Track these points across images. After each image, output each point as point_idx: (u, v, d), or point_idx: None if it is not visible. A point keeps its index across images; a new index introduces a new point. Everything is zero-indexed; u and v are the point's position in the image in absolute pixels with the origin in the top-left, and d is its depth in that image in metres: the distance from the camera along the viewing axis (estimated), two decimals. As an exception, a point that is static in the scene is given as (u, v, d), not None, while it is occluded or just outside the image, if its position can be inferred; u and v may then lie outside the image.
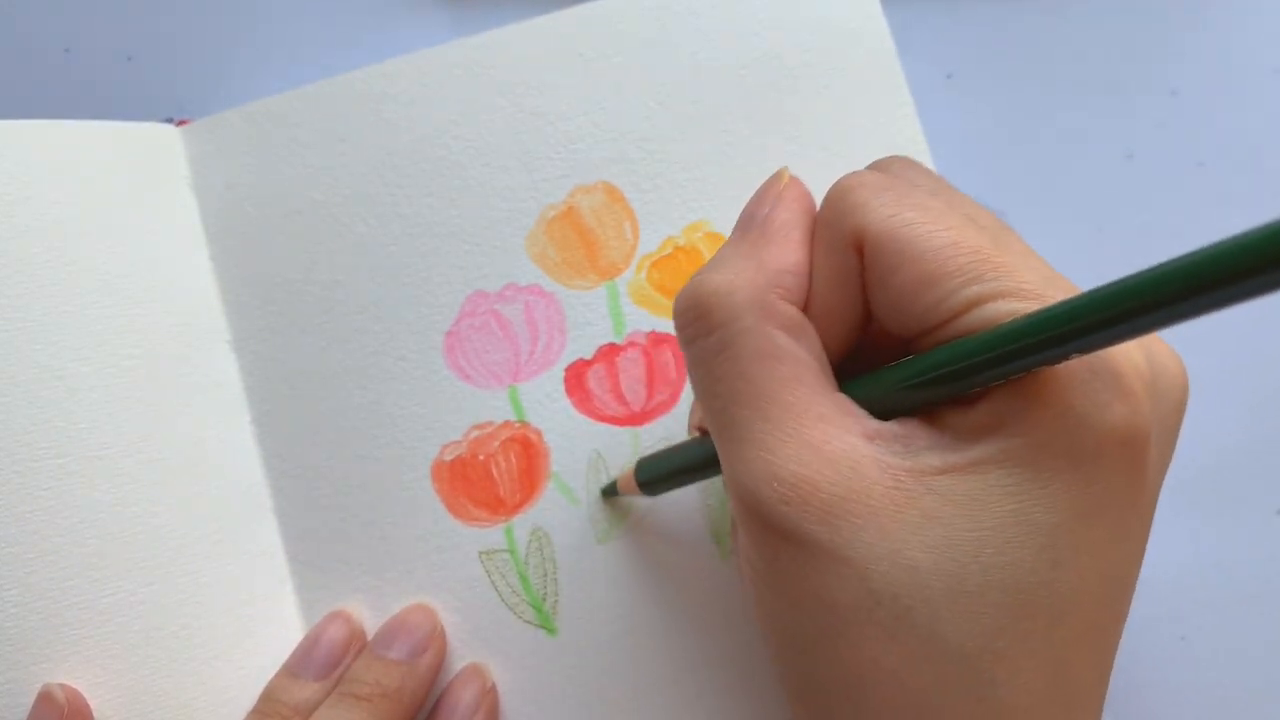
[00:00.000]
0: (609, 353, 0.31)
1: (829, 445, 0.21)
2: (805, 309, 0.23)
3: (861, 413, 0.22)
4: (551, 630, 0.30)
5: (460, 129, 0.32)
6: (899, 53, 0.32)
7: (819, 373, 0.22)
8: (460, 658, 0.30)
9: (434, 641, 0.30)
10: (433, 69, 0.32)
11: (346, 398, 0.31)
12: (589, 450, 0.31)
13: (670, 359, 0.31)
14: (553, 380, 0.31)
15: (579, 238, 0.32)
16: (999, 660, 0.20)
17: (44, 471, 0.28)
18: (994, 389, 0.20)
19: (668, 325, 0.31)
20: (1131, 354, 0.20)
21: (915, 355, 0.21)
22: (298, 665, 0.29)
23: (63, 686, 0.27)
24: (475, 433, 0.31)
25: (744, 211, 0.24)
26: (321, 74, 0.32)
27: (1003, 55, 0.36)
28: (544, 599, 0.31)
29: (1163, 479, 0.23)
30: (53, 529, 0.28)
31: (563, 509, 0.31)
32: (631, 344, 0.31)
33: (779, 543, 0.21)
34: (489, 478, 0.31)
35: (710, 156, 0.32)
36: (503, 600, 0.31)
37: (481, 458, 0.31)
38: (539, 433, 0.31)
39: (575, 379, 0.31)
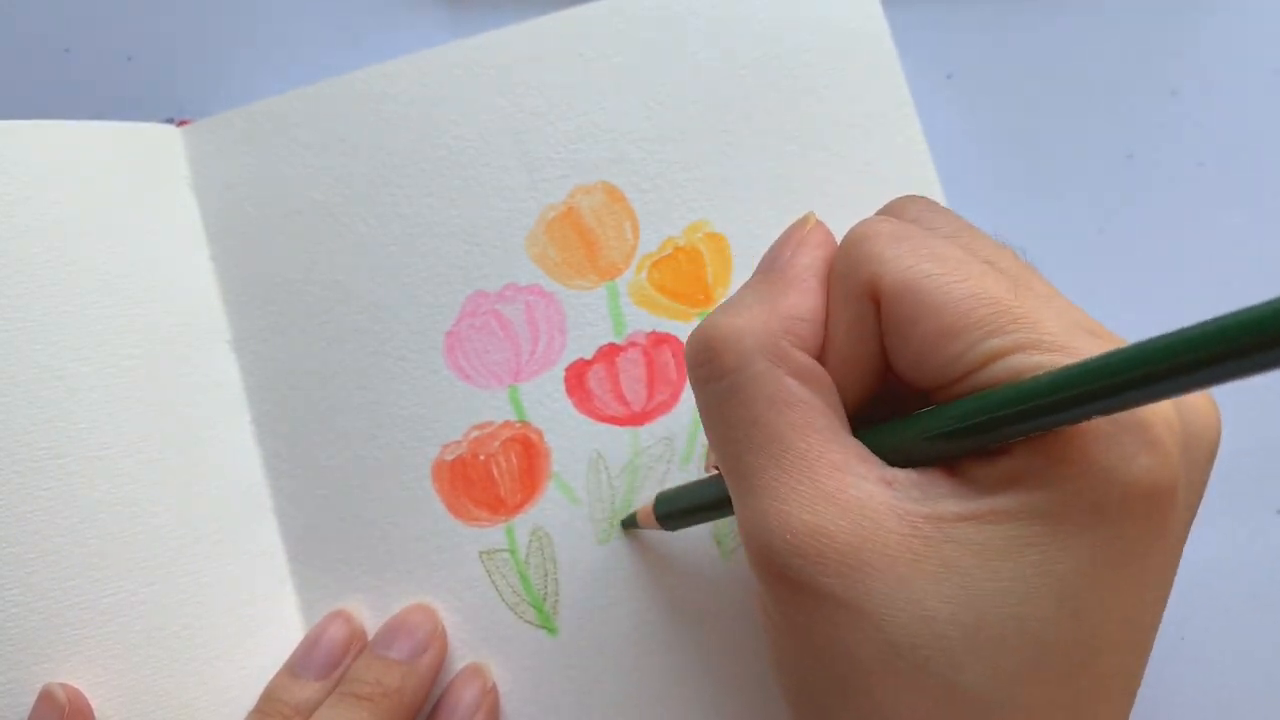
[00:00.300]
0: (609, 353, 0.31)
1: (844, 494, 0.20)
2: (821, 357, 0.22)
3: (877, 460, 0.21)
4: (552, 630, 0.30)
5: (460, 129, 0.32)
6: (899, 53, 0.32)
7: (833, 419, 0.22)
8: (460, 657, 0.30)
9: (434, 641, 0.30)
10: (433, 69, 0.32)
11: (347, 397, 0.31)
12: (589, 450, 0.31)
13: (670, 359, 0.31)
14: (553, 380, 0.31)
15: (579, 238, 0.32)
16: (1019, 711, 0.20)
17: (44, 471, 0.28)
18: (1016, 445, 0.20)
19: (668, 325, 0.31)
20: (1162, 406, 0.20)
21: (936, 407, 0.21)
22: (298, 665, 0.29)
23: (64, 686, 0.27)
24: (476, 433, 0.31)
25: (766, 255, 0.24)
26: (322, 74, 0.32)
27: (1003, 55, 0.36)
28: (544, 599, 0.31)
29: (1189, 526, 0.22)
30: (53, 529, 0.28)
31: (563, 509, 0.31)
32: (632, 344, 0.31)
33: (794, 594, 0.21)
34: (489, 478, 0.31)
35: (710, 156, 0.32)
36: (503, 600, 0.31)
37: (482, 458, 0.31)
38: (539, 433, 0.31)
39: (575, 379, 0.31)
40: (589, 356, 0.31)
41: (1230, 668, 0.34)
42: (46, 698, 0.27)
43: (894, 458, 0.21)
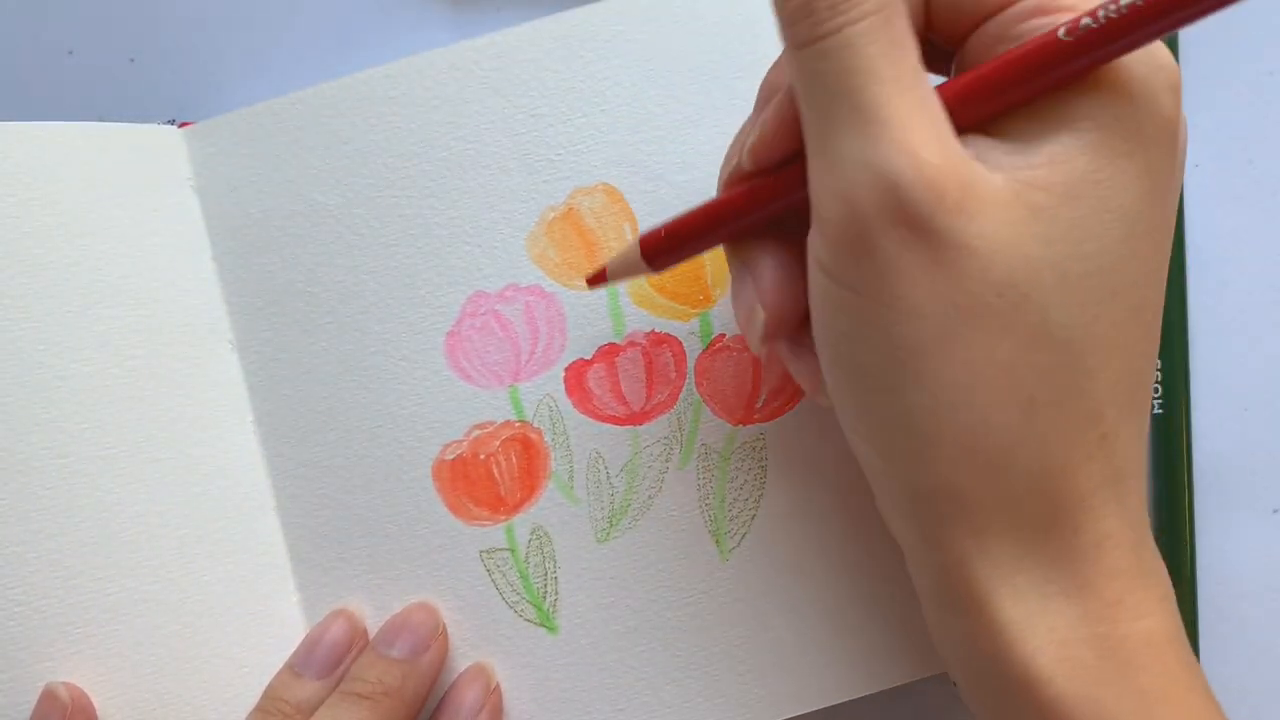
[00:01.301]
0: (609, 353, 0.31)
1: (952, 141, 0.21)
2: None
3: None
4: (552, 629, 0.31)
5: (461, 131, 0.32)
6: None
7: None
8: (461, 656, 0.31)
9: (436, 640, 0.30)
10: (434, 71, 0.32)
11: (348, 398, 0.31)
12: (589, 450, 0.31)
13: (670, 359, 0.31)
14: (553, 380, 0.31)
15: (579, 239, 0.32)
16: (1096, 349, 0.22)
17: (47, 471, 0.28)
18: (1066, 93, 0.21)
19: (667, 325, 0.31)
20: (1166, 52, 0.22)
21: (1002, 56, 0.22)
22: (300, 664, 0.29)
23: (66, 685, 0.28)
24: (476, 432, 0.31)
25: None
26: (323, 76, 0.33)
27: (1001, 56, 0.36)
28: (544, 598, 0.31)
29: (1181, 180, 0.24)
30: (56, 529, 0.28)
31: (563, 508, 0.31)
32: (631, 344, 0.31)
33: (908, 236, 0.21)
34: (490, 477, 0.31)
35: (710, 157, 0.32)
36: (503, 599, 0.31)
37: (482, 457, 0.31)
38: (539, 432, 0.31)
39: (575, 379, 0.31)
40: (589, 356, 0.31)
41: (1231, 667, 0.34)
42: (49, 696, 0.27)
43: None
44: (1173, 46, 0.35)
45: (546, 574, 0.31)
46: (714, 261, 0.32)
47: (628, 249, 0.27)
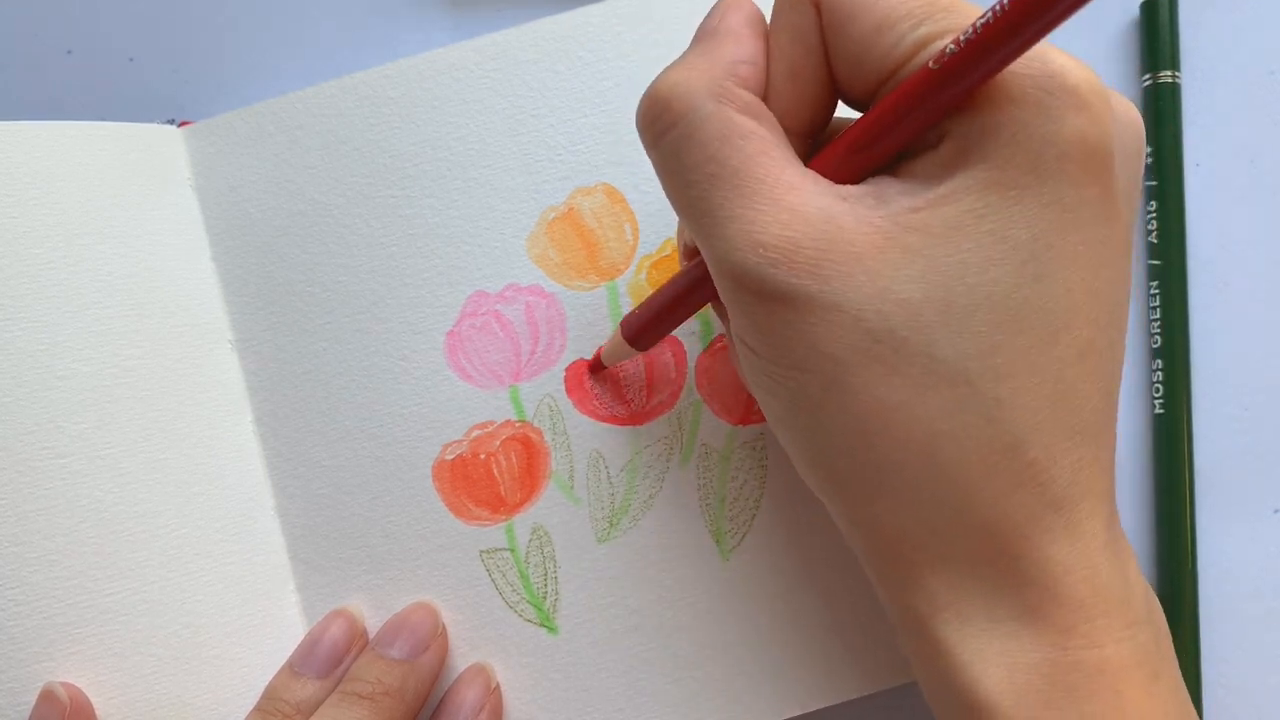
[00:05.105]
0: (609, 353, 0.31)
1: (805, 207, 0.21)
2: (766, 99, 0.23)
3: (829, 182, 0.22)
4: (552, 629, 0.31)
5: (461, 131, 0.32)
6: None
7: (785, 148, 0.23)
8: (461, 656, 0.31)
9: (435, 640, 0.30)
10: (434, 71, 0.32)
11: (348, 397, 0.31)
12: (589, 450, 0.31)
13: (670, 359, 0.31)
14: (553, 380, 0.31)
15: (579, 239, 0.32)
16: (1000, 379, 0.21)
17: (46, 471, 0.28)
18: (952, 128, 0.21)
19: (668, 325, 0.31)
20: (1087, 73, 0.21)
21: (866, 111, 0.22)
22: (299, 663, 0.29)
23: (65, 685, 0.28)
24: (476, 432, 0.31)
25: (697, 29, 0.25)
26: (323, 76, 0.33)
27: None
28: (544, 598, 0.31)
29: (1134, 212, 0.23)
30: (55, 529, 0.28)
31: (563, 508, 0.31)
32: (632, 344, 0.31)
33: (771, 307, 0.22)
34: (490, 477, 0.31)
35: (710, 157, 0.32)
36: (503, 599, 0.31)
37: (482, 457, 0.31)
38: (539, 432, 0.31)
39: (576, 379, 0.31)
40: (589, 356, 0.31)
41: (1231, 667, 0.34)
42: (48, 696, 0.27)
43: (842, 177, 0.22)
44: (1173, 48, 0.35)
45: (546, 574, 0.31)
46: (714, 261, 0.32)
47: (614, 337, 0.29)
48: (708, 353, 0.31)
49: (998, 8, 0.19)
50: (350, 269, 0.32)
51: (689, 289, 0.27)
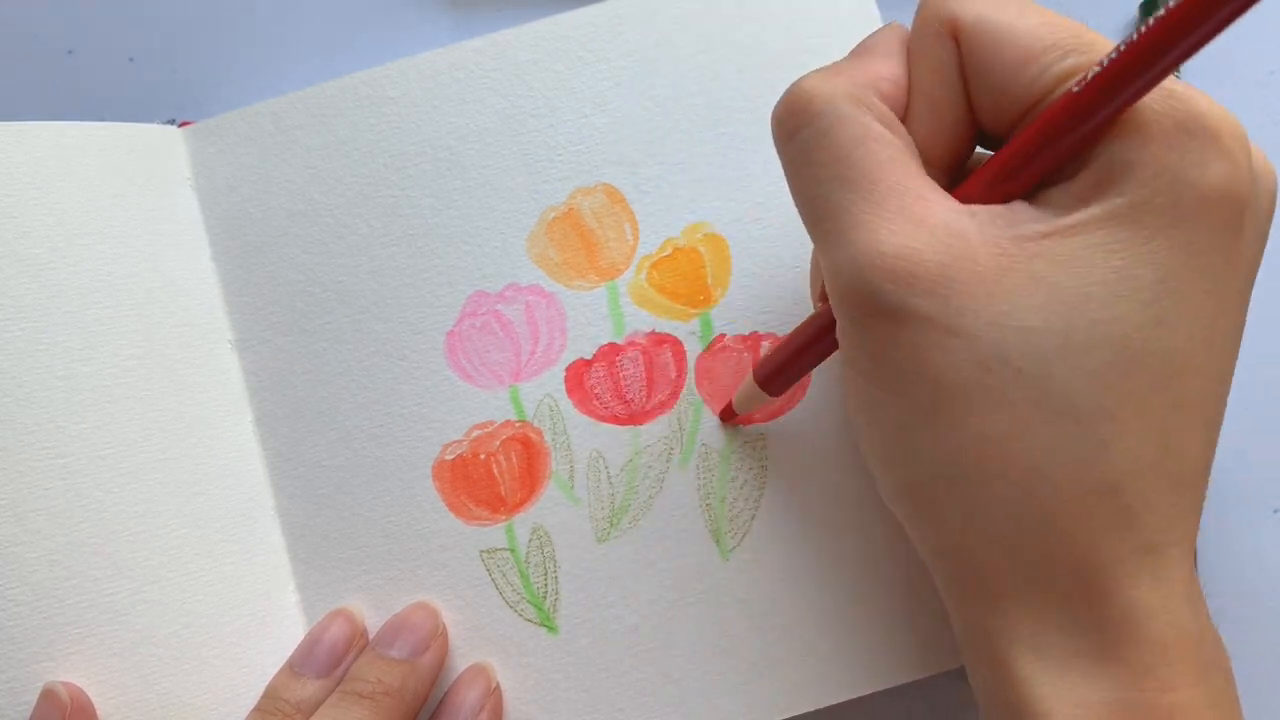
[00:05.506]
0: (609, 353, 0.31)
1: (931, 218, 0.21)
2: (905, 121, 0.23)
3: (958, 201, 0.22)
4: (552, 629, 0.31)
5: (461, 131, 0.32)
6: (898, 54, 0.32)
7: (917, 162, 0.22)
8: (461, 656, 0.31)
9: (435, 640, 0.30)
10: (434, 71, 0.32)
11: (348, 397, 0.31)
12: (589, 450, 0.31)
13: (670, 359, 0.31)
14: (553, 380, 0.31)
15: (579, 239, 0.32)
16: (1108, 419, 0.21)
17: (47, 471, 0.28)
18: (1091, 160, 0.21)
19: (667, 325, 0.31)
20: (1231, 120, 0.21)
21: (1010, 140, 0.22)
22: (300, 663, 0.29)
23: (66, 684, 0.28)
24: (476, 432, 0.31)
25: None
26: (323, 76, 0.33)
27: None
28: (544, 598, 0.31)
29: (1257, 267, 0.23)
30: (55, 528, 0.28)
31: (563, 508, 0.31)
32: (631, 344, 0.31)
33: (884, 324, 0.21)
34: (490, 477, 0.31)
35: (709, 158, 0.32)
36: (504, 599, 0.31)
37: (483, 457, 0.31)
38: (539, 432, 0.31)
39: (576, 379, 0.31)
40: (589, 356, 0.31)
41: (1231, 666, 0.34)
42: (48, 696, 0.27)
43: (977, 200, 0.22)
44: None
45: (547, 574, 0.31)
46: (714, 261, 0.32)
47: (746, 383, 0.29)
48: (708, 353, 0.31)
49: (1142, 28, 0.19)
50: (350, 269, 0.32)
51: (820, 332, 0.26)
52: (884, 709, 0.32)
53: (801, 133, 0.23)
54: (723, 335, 0.31)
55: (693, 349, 0.31)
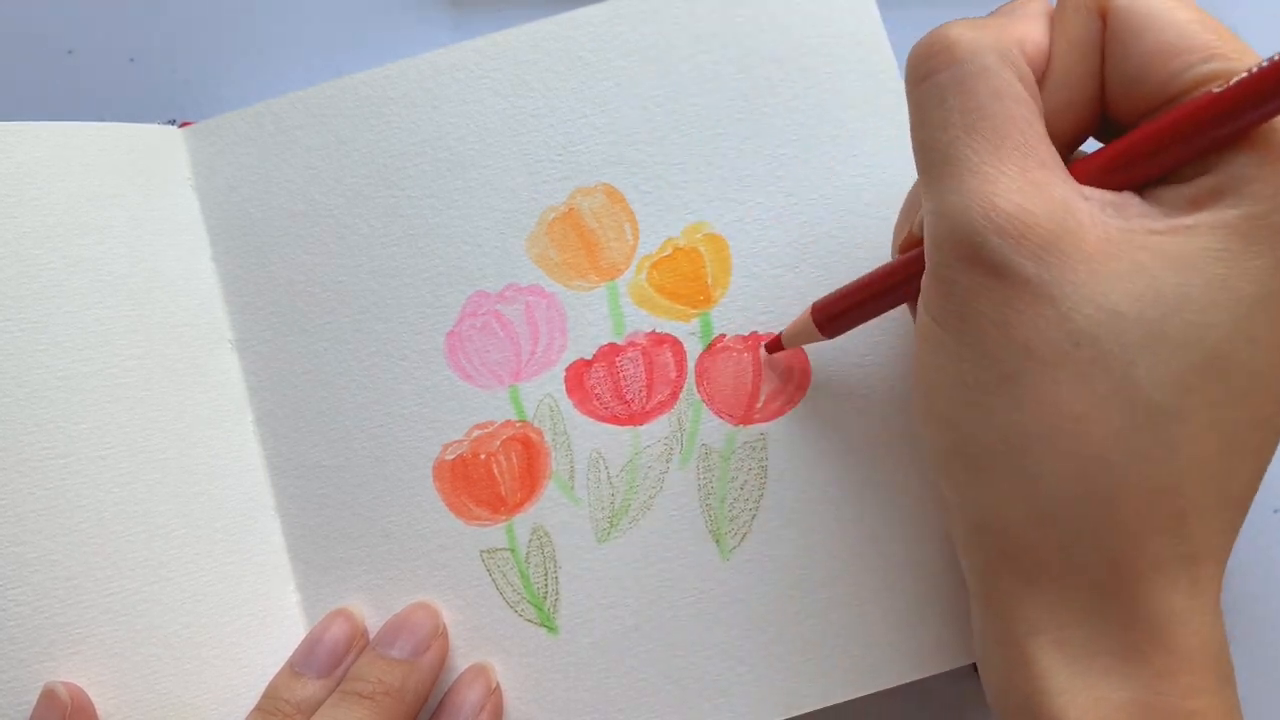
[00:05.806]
0: (609, 353, 0.31)
1: (1051, 188, 0.21)
2: (1041, 86, 0.23)
3: (1074, 179, 0.22)
4: (552, 629, 0.31)
5: (461, 131, 0.32)
6: (895, 55, 0.32)
7: (1044, 129, 0.22)
8: (462, 656, 0.31)
9: (436, 640, 0.30)
10: (435, 71, 0.32)
11: (349, 397, 0.31)
12: (589, 450, 0.31)
13: (670, 359, 0.31)
14: (553, 380, 0.31)
15: (579, 239, 0.32)
16: (1182, 422, 0.21)
17: (47, 471, 0.28)
18: (1211, 166, 0.21)
19: (668, 325, 0.31)
20: None
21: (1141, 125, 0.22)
22: (300, 663, 0.29)
23: (66, 685, 0.28)
24: (477, 432, 0.31)
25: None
26: (324, 76, 0.33)
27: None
28: (545, 598, 0.31)
29: None
30: (56, 529, 0.28)
31: (563, 508, 0.31)
32: (631, 344, 0.31)
33: (982, 278, 0.21)
34: (490, 477, 0.31)
35: (709, 158, 0.32)
36: (504, 599, 0.31)
37: (483, 457, 0.31)
38: (540, 432, 0.31)
39: (576, 379, 0.31)
40: (589, 356, 0.31)
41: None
42: (49, 696, 0.27)
43: (1088, 181, 0.22)
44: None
45: (547, 574, 0.31)
46: (714, 261, 0.32)
47: (802, 318, 0.29)
48: (708, 353, 0.31)
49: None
50: (350, 269, 0.32)
51: (898, 280, 0.26)
52: (884, 709, 0.32)
53: (938, 75, 0.22)
54: (723, 335, 0.31)
55: (693, 349, 0.31)
